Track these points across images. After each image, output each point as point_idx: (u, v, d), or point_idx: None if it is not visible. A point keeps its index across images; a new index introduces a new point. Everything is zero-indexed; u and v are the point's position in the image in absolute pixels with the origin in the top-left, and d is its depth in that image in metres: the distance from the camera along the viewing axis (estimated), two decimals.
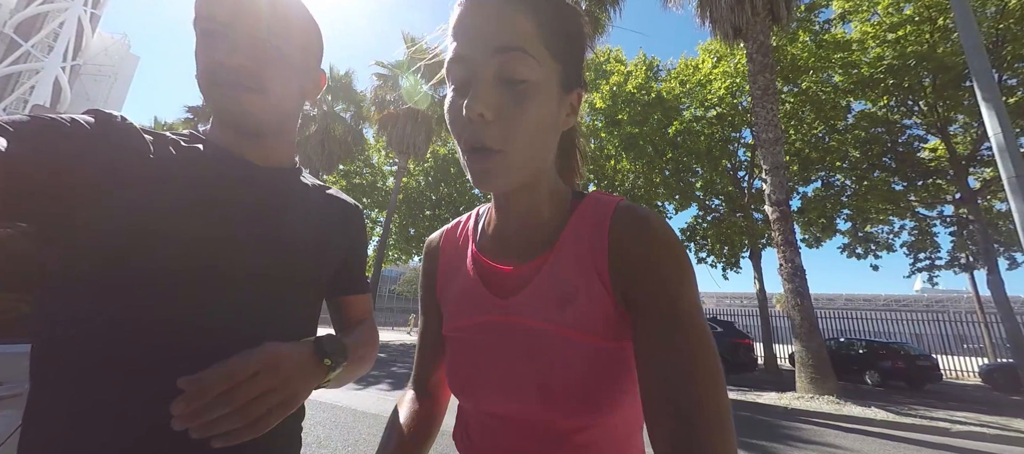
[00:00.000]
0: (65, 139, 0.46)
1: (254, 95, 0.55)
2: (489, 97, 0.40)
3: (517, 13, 0.41)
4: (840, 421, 6.20)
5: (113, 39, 65.98)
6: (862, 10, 11.70)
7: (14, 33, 52.85)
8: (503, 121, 0.41)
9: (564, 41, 0.45)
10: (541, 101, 0.42)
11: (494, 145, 0.41)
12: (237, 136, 0.58)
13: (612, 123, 14.70)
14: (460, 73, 0.42)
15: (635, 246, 0.44)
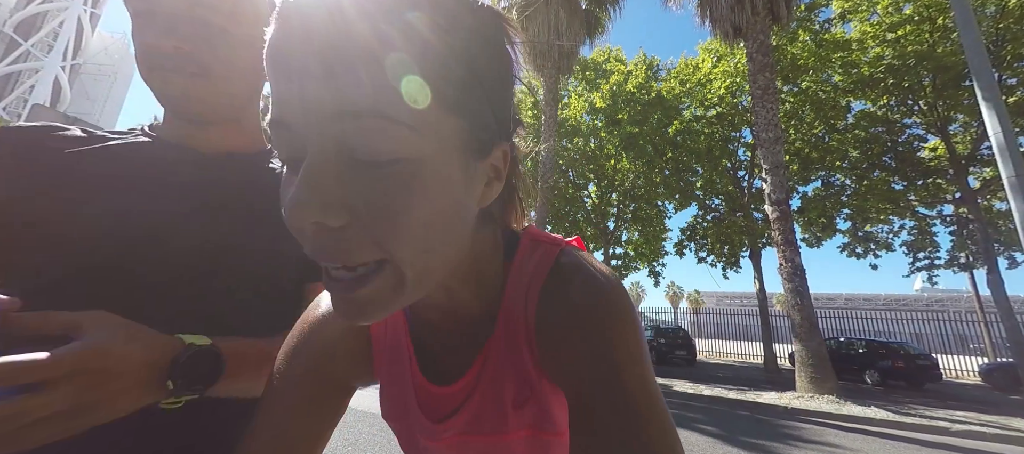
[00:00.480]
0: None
1: (196, 80, 0.49)
2: (331, 191, 0.25)
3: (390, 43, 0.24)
4: (840, 420, 6.20)
5: (113, 38, 65.95)
6: (862, 10, 11.70)
7: (14, 32, 52.83)
8: (371, 224, 0.26)
9: (471, 80, 0.28)
10: (426, 186, 0.27)
11: (363, 255, 0.27)
12: (184, 125, 0.53)
13: (612, 122, 14.70)
14: (285, 145, 0.27)
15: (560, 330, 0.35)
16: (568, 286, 0.36)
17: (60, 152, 0.47)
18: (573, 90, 16.43)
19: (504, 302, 0.39)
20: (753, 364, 17.42)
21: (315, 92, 0.24)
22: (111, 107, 63.97)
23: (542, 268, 0.38)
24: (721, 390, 8.32)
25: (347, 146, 0.25)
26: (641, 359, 0.33)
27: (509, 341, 0.39)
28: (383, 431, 4.20)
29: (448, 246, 0.30)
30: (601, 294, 0.35)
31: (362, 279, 0.27)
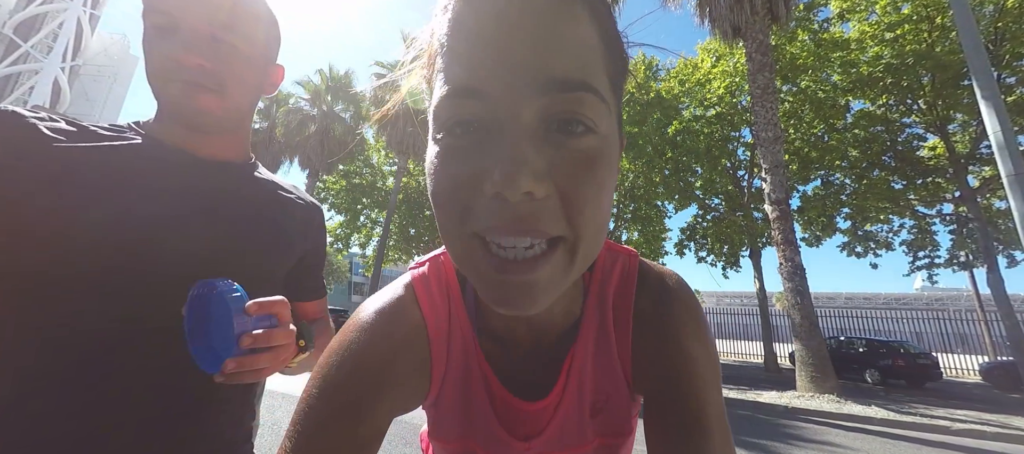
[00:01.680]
0: None
1: (211, 95, 0.53)
2: (539, 162, 0.25)
3: (584, 23, 0.26)
4: (840, 420, 6.20)
5: (113, 39, 65.93)
6: (860, 10, 11.70)
7: (13, 34, 52.81)
8: (564, 198, 0.26)
9: (622, 71, 0.31)
10: (610, 163, 0.28)
11: (555, 230, 0.26)
12: (186, 131, 0.55)
13: None
14: (471, 117, 0.26)
15: (662, 349, 0.36)
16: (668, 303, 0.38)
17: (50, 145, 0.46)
18: None
19: (588, 309, 0.39)
20: (753, 363, 17.42)
21: (524, 59, 0.24)
22: (111, 108, 63.96)
23: (629, 279, 0.39)
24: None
25: (550, 116, 0.26)
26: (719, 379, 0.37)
27: (599, 349, 0.39)
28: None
29: (606, 230, 0.30)
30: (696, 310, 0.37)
31: (539, 259, 0.26)
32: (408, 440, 3.98)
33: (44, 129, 0.47)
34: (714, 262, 15.52)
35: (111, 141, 0.51)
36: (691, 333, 0.37)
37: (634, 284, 0.39)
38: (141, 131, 0.54)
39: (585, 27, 0.26)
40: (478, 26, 0.25)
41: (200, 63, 0.51)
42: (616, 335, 0.39)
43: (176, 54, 0.50)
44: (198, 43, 0.51)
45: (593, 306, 0.39)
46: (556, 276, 0.27)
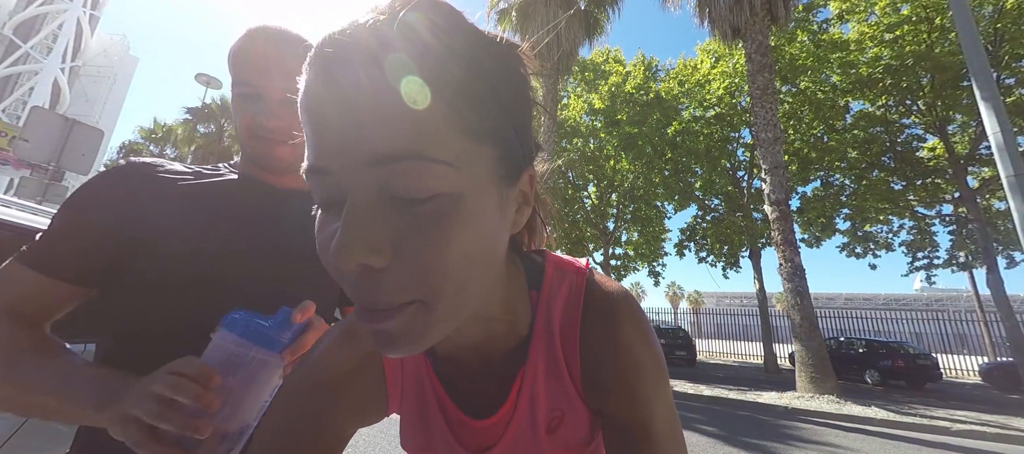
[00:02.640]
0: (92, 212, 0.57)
1: (285, 147, 0.67)
2: (374, 233, 0.25)
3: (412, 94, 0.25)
4: (840, 420, 6.20)
5: (112, 40, 65.95)
6: (859, 11, 11.72)
7: (13, 34, 52.81)
8: (409, 262, 0.26)
9: (498, 110, 0.29)
10: (467, 219, 0.27)
11: (403, 296, 0.27)
12: (266, 171, 0.71)
13: (611, 123, 14.72)
14: (322, 189, 0.28)
15: (611, 365, 0.39)
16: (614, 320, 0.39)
17: (174, 183, 0.63)
18: (572, 91, 16.44)
19: (536, 330, 0.40)
20: (753, 364, 17.42)
21: (354, 139, 0.25)
22: (111, 109, 63.93)
23: (576, 298, 0.41)
24: (721, 390, 8.32)
25: (387, 188, 0.26)
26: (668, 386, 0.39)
27: (549, 369, 0.40)
28: (383, 432, 4.20)
29: (485, 277, 0.30)
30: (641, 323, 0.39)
31: (395, 311, 0.27)
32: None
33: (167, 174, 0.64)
34: (714, 263, 15.52)
35: (210, 178, 0.67)
36: (637, 340, 0.38)
37: (581, 302, 0.40)
38: (234, 170, 0.71)
39: (418, 94, 0.25)
40: (318, 109, 0.26)
41: (277, 125, 0.65)
42: (565, 353, 0.40)
43: (260, 118, 0.65)
44: (275, 108, 0.65)
45: (541, 327, 0.40)
46: (415, 329, 0.27)
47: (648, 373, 0.38)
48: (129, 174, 0.61)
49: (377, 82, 0.24)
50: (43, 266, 0.54)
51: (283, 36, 0.65)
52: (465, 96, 0.27)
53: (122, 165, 0.62)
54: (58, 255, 0.54)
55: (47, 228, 0.56)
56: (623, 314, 0.39)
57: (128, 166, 0.62)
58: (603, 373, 0.39)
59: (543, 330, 0.40)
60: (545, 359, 0.40)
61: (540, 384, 0.40)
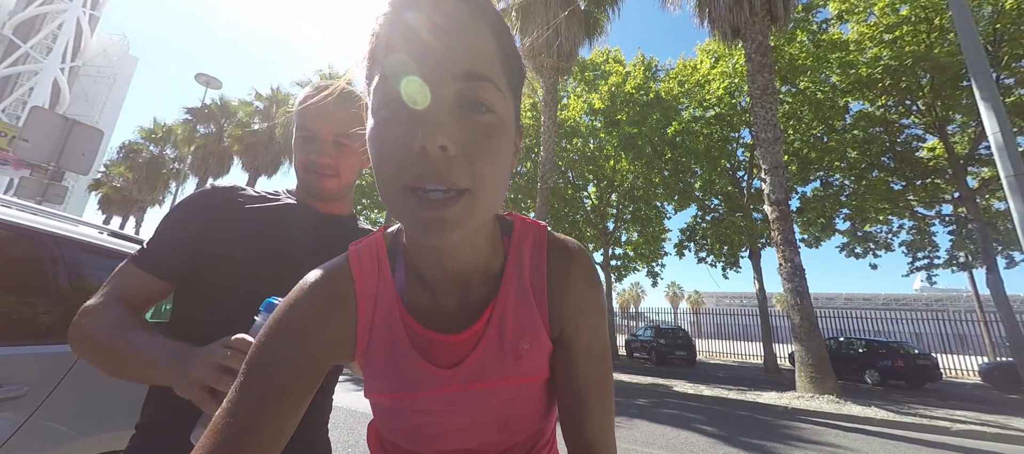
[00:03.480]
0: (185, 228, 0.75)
1: (332, 179, 0.82)
2: (453, 127, 0.33)
3: (485, 35, 0.36)
4: (840, 420, 6.20)
5: (112, 40, 65.93)
6: (859, 11, 11.73)
7: (13, 34, 52.77)
8: (469, 156, 0.34)
9: (518, 77, 0.41)
10: (505, 139, 0.37)
11: (461, 183, 0.34)
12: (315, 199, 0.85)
13: (611, 123, 14.72)
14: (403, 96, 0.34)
15: (570, 294, 0.48)
16: (578, 260, 0.49)
17: (242, 206, 0.79)
18: (572, 91, 16.44)
19: (508, 267, 0.48)
20: (753, 364, 17.42)
21: (446, 55, 0.34)
22: (110, 109, 63.89)
23: (540, 244, 0.49)
24: (721, 390, 8.32)
25: (462, 97, 0.35)
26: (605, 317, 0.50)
27: (519, 299, 0.47)
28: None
29: (503, 188, 0.39)
30: (592, 265, 0.50)
31: (451, 200, 0.34)
32: None
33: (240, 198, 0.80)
34: (714, 263, 15.53)
35: (272, 202, 0.82)
36: (591, 282, 0.48)
37: (544, 247, 0.49)
38: (292, 196, 0.87)
39: (488, 40, 0.36)
40: (414, 29, 0.34)
41: (326, 162, 0.80)
42: (532, 287, 0.47)
43: (313, 156, 0.80)
44: (326, 148, 0.80)
45: (512, 264, 0.48)
46: (463, 215, 0.35)
47: (599, 306, 0.48)
48: (211, 196, 0.78)
49: (469, 22, 0.35)
50: (145, 264, 0.72)
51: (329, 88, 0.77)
52: (511, 58, 0.39)
53: (209, 189, 0.80)
54: (156, 256, 0.73)
55: (152, 235, 0.75)
56: (580, 258, 0.49)
57: (215, 190, 0.80)
58: (565, 302, 0.47)
59: (514, 267, 0.47)
60: (515, 291, 0.47)
61: (509, 313, 0.46)
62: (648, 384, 8.75)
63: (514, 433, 0.50)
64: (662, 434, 4.81)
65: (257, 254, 0.75)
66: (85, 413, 1.30)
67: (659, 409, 6.51)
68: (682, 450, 4.20)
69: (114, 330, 0.62)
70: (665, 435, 4.78)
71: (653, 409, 6.46)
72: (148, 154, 23.85)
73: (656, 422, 5.47)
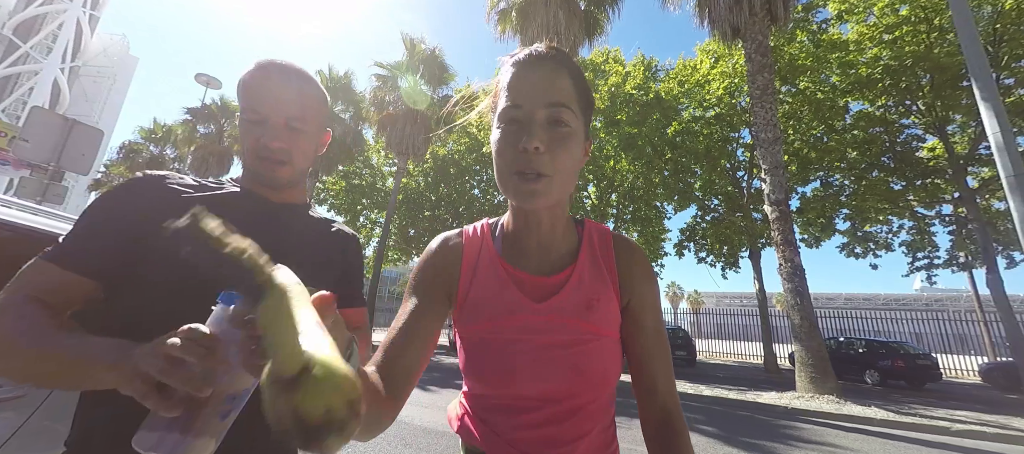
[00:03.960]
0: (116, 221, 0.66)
1: (285, 167, 0.76)
2: (543, 135, 0.55)
3: (564, 79, 0.58)
4: (840, 420, 6.20)
5: (112, 40, 65.94)
6: (858, 11, 11.73)
7: (13, 34, 52.77)
8: (551, 154, 0.55)
9: (587, 105, 0.62)
10: (575, 143, 0.58)
11: (545, 171, 0.55)
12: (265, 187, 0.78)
13: (611, 123, 14.71)
14: (515, 116, 0.56)
15: (635, 272, 0.65)
16: (632, 247, 0.68)
17: (179, 193, 0.70)
18: None
19: (583, 245, 0.66)
20: (753, 364, 17.42)
21: (542, 92, 0.56)
22: (110, 109, 63.88)
23: (607, 236, 0.69)
24: (721, 390, 8.31)
25: (550, 117, 0.56)
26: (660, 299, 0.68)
27: (593, 269, 0.64)
28: (383, 433, 4.19)
29: (572, 178, 0.59)
30: (647, 258, 0.68)
31: (538, 180, 0.55)
32: (407, 441, 3.97)
33: (176, 186, 0.71)
34: (714, 263, 15.52)
35: (217, 191, 0.75)
36: (648, 267, 0.67)
37: (611, 238, 0.68)
38: (236, 184, 0.79)
39: (567, 82, 0.58)
40: (522, 76, 0.58)
41: (280, 146, 0.74)
42: (603, 261, 0.65)
43: (264, 140, 0.73)
44: (278, 132, 0.74)
45: (586, 243, 0.67)
46: (546, 189, 0.56)
47: (656, 288, 0.66)
48: (142, 184, 0.70)
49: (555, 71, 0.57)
50: (67, 262, 0.62)
51: (281, 68, 0.74)
52: (582, 92, 0.60)
53: (138, 176, 0.70)
54: (79, 253, 0.63)
55: (71, 230, 0.65)
56: (640, 250, 0.68)
57: (143, 178, 0.70)
58: (631, 279, 0.65)
59: (588, 246, 0.66)
60: (590, 263, 0.65)
61: (586, 275, 0.63)
62: None
63: (585, 381, 0.59)
64: None
65: None
66: None
67: None
68: None
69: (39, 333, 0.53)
70: None
71: None
72: (148, 154, 23.85)
73: None
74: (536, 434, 0.59)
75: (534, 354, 0.58)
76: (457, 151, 19.07)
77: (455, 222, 18.86)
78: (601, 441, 0.62)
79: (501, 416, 0.61)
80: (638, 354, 0.62)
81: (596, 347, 0.59)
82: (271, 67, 0.74)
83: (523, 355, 0.59)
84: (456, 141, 18.99)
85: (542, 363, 0.58)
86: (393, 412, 0.53)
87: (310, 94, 0.77)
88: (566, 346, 0.59)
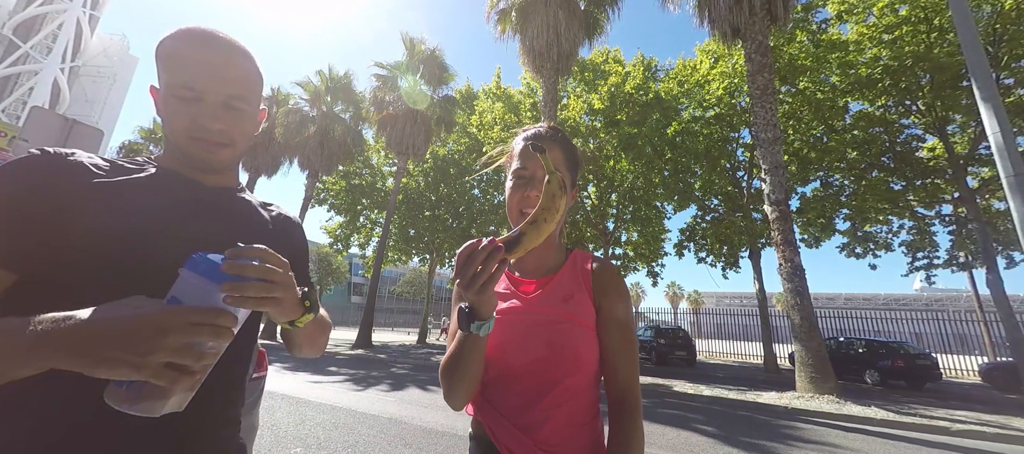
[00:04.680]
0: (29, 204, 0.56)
1: (226, 149, 0.70)
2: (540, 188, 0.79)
3: (559, 150, 0.84)
4: (840, 420, 6.20)
5: (112, 40, 65.92)
6: (858, 11, 11.73)
7: (13, 34, 52.77)
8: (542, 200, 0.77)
9: (574, 166, 0.87)
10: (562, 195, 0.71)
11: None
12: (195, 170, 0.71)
13: (611, 123, 14.71)
14: (523, 175, 0.82)
15: (605, 283, 0.83)
16: (607, 267, 0.85)
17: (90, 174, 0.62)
18: (572, 91, 16.44)
19: (567, 262, 0.87)
20: (753, 364, 17.42)
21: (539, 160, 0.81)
22: (110, 109, 63.88)
23: (588, 257, 0.88)
24: (721, 390, 8.32)
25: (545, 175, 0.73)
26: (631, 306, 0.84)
27: (572, 275, 0.84)
28: (382, 432, 4.20)
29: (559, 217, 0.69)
30: (619, 273, 0.85)
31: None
32: (407, 441, 3.98)
33: (88, 165, 0.63)
34: (714, 263, 15.52)
35: (136, 174, 0.66)
36: (618, 279, 0.84)
37: (590, 258, 0.87)
38: (155, 164, 0.71)
39: (560, 152, 0.84)
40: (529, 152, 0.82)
41: (220, 127, 0.67)
42: (581, 274, 0.84)
43: (202, 121, 0.66)
44: (218, 112, 0.67)
45: (570, 261, 0.87)
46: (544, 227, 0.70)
47: (624, 299, 0.82)
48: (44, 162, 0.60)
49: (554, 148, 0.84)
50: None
51: (219, 41, 0.66)
52: (570, 155, 0.87)
53: (33, 153, 0.60)
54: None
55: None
56: (613, 269, 0.85)
57: (56, 156, 0.61)
58: (602, 287, 0.82)
59: (570, 263, 0.86)
60: (570, 272, 0.84)
61: (565, 279, 0.83)
62: (648, 384, 8.74)
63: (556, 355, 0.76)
64: (662, 434, 4.81)
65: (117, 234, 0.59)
66: None
67: (659, 409, 6.51)
68: (682, 450, 4.20)
69: None
70: (665, 435, 4.78)
71: (653, 409, 6.46)
72: (148, 154, 23.81)
73: (656, 422, 5.47)
74: (518, 401, 0.76)
75: (520, 330, 0.79)
76: (457, 151, 19.07)
77: (455, 222, 18.86)
78: (578, 420, 0.76)
79: (498, 389, 0.79)
80: (606, 346, 0.78)
81: (568, 328, 0.77)
82: (207, 37, 0.66)
83: (512, 330, 0.79)
84: (456, 141, 19.00)
85: (526, 338, 0.78)
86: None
87: (251, 70, 0.70)
88: (544, 325, 0.78)
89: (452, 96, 17.05)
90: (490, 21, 13.26)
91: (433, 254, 20.48)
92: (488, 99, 18.02)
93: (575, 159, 0.87)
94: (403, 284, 47.79)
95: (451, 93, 17.12)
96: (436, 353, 14.98)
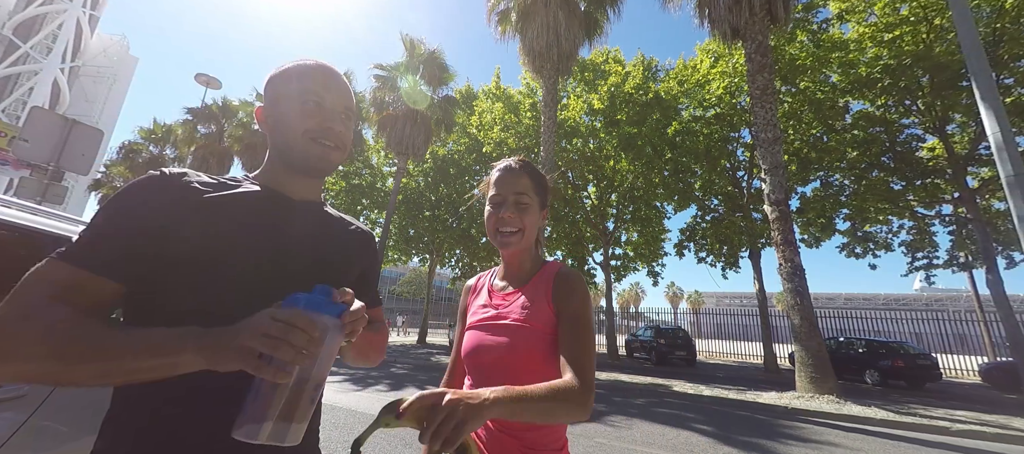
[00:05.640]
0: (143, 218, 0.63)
1: (339, 152, 0.79)
2: (513, 209, 0.94)
3: (526, 178, 0.97)
4: (840, 420, 6.20)
5: (112, 40, 65.91)
6: (859, 11, 11.72)
7: (13, 34, 52.77)
8: (520, 219, 0.95)
9: (543, 190, 1.01)
10: (533, 214, 0.97)
11: (515, 228, 0.95)
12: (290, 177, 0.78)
13: (611, 123, 14.70)
14: (497, 199, 0.96)
15: (562, 291, 0.92)
16: (569, 276, 0.95)
17: (201, 193, 0.68)
18: (572, 91, 16.44)
19: (537, 274, 0.98)
20: (753, 364, 17.42)
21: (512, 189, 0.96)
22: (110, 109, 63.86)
23: (555, 267, 0.99)
24: (721, 390, 8.32)
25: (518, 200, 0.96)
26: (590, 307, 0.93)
27: (539, 286, 0.95)
28: (382, 432, 4.20)
29: (533, 234, 0.99)
30: (578, 278, 0.95)
31: (512, 235, 0.95)
32: (408, 441, 3.98)
33: (196, 184, 0.69)
34: (714, 263, 15.52)
35: (237, 189, 0.72)
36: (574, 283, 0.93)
37: (556, 269, 0.98)
38: (254, 181, 0.77)
39: (526, 179, 0.98)
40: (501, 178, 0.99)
41: (342, 130, 0.77)
42: (544, 285, 0.95)
43: (326, 123, 0.75)
44: (337, 117, 0.77)
45: (539, 274, 0.98)
46: (517, 240, 0.96)
47: (577, 301, 0.90)
48: (160, 181, 0.66)
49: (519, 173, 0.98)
50: (81, 261, 0.57)
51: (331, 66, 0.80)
52: (539, 183, 1.01)
53: (154, 174, 0.67)
54: (94, 252, 0.58)
55: (88, 228, 0.61)
56: (575, 279, 0.94)
57: (161, 175, 0.67)
58: (559, 293, 0.92)
59: (538, 276, 0.98)
60: (534, 285, 0.96)
61: (529, 291, 0.95)
62: (648, 384, 8.75)
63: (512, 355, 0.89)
64: (662, 434, 4.81)
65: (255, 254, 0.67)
66: (85, 413, 1.30)
67: (659, 409, 6.50)
68: (682, 450, 4.20)
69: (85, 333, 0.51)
70: (665, 435, 4.78)
71: (653, 409, 6.46)
72: (148, 154, 23.83)
73: (656, 422, 5.47)
74: None
75: (489, 331, 0.94)
76: (457, 151, 19.06)
77: (455, 222, 18.86)
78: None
79: (475, 382, 0.94)
80: (561, 341, 0.87)
81: (525, 331, 0.90)
82: (324, 65, 0.78)
83: (483, 332, 0.95)
84: (456, 142, 19.00)
85: (492, 336, 0.93)
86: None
87: (345, 83, 0.81)
88: (505, 328, 0.92)
89: (452, 96, 17.04)
90: (490, 22, 13.27)
91: (433, 254, 20.47)
92: (488, 99, 18.01)
93: (544, 184, 1.02)
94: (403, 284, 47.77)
95: (451, 93, 17.11)
96: (436, 353, 14.98)
